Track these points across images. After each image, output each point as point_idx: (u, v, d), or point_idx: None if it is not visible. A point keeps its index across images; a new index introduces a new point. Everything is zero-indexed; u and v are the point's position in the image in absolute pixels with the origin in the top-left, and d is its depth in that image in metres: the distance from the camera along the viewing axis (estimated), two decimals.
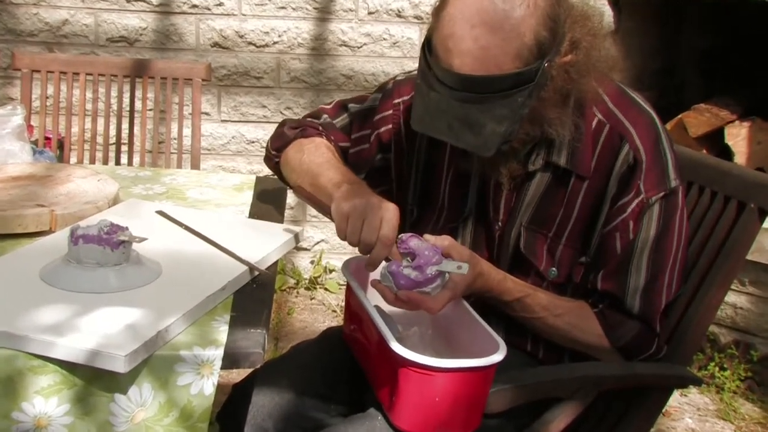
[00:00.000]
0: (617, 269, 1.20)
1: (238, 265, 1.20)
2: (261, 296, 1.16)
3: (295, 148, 1.33)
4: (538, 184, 1.22)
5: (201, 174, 1.77)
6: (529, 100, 1.07)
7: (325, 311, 2.77)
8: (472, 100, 1.07)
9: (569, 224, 1.22)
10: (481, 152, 1.10)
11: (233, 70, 2.68)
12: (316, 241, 2.89)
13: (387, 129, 1.34)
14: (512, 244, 1.24)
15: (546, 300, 1.21)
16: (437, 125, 1.10)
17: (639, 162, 1.17)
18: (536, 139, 1.18)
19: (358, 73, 2.69)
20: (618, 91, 1.23)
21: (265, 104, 2.72)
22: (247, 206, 1.55)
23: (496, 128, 1.07)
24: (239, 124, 2.74)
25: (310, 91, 2.71)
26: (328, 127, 1.38)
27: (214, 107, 2.72)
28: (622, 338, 1.21)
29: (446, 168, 1.30)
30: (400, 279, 1.07)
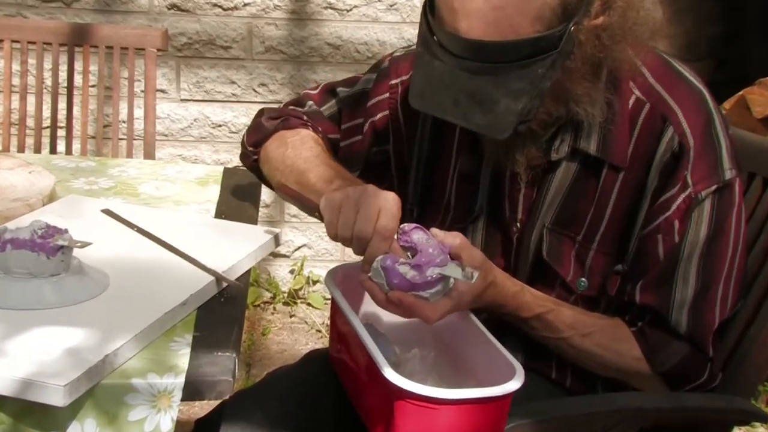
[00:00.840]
0: (660, 279, 1.20)
1: (202, 275, 1.21)
2: (230, 313, 1.17)
3: (276, 142, 1.34)
4: (563, 176, 1.22)
5: (156, 165, 1.78)
6: (551, 71, 1.07)
7: (307, 331, 2.78)
8: (483, 71, 1.07)
9: (602, 225, 1.22)
10: (493, 134, 1.10)
11: (195, 38, 2.68)
12: (297, 246, 2.90)
13: (383, 116, 1.35)
14: (533, 249, 1.25)
15: (572, 317, 1.21)
16: (441, 101, 1.10)
17: (686, 148, 1.17)
18: (560, 120, 1.18)
19: (348, 41, 2.70)
20: (661, 63, 1.23)
21: (234, 80, 2.73)
22: (213, 204, 1.56)
23: (511, 105, 1.07)
24: (203, 104, 2.75)
25: (289, 63, 2.72)
26: (315, 116, 1.39)
27: (171, 83, 2.72)
28: (667, 362, 1.21)
29: (454, 160, 1.31)
30: (393, 277, 1.06)
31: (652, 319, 1.22)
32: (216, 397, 1.03)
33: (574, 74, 1.12)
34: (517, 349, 1.25)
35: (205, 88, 2.73)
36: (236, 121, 2.75)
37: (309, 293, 2.91)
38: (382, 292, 1.08)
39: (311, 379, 1.32)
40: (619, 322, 1.23)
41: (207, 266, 1.22)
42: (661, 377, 1.22)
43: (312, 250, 2.90)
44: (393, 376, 1.01)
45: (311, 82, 2.72)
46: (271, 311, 2.87)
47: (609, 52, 1.13)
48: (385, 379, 1.01)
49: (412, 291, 1.07)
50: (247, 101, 2.73)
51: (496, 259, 1.27)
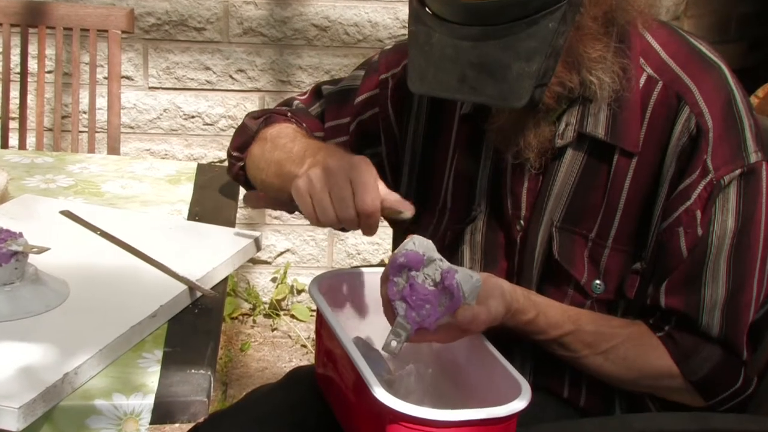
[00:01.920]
0: (687, 279, 1.21)
1: (173, 283, 1.21)
2: (205, 326, 1.17)
3: (259, 143, 1.35)
4: (569, 165, 1.23)
5: (122, 161, 1.79)
6: (563, 25, 1.08)
7: (291, 346, 2.78)
8: (488, 36, 1.07)
9: (615, 219, 1.23)
10: (510, 102, 1.10)
11: (164, 19, 2.69)
12: (280, 251, 2.90)
13: (372, 114, 1.36)
14: (540, 250, 1.25)
15: (593, 334, 1.21)
16: (445, 80, 1.10)
17: (704, 130, 1.18)
18: (574, 93, 1.19)
19: (336, 22, 2.70)
20: (674, 38, 1.24)
21: (208, 65, 2.73)
22: (186, 204, 1.56)
23: (525, 68, 1.07)
24: (173, 93, 2.75)
25: (271, 47, 2.72)
26: (300, 114, 1.40)
27: (138, 69, 2.73)
28: (699, 369, 1.22)
29: (450, 158, 1.31)
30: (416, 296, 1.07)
31: (680, 322, 1.22)
32: (189, 419, 1.03)
33: (585, 33, 1.13)
34: (525, 364, 1.26)
35: (176, 74, 2.73)
36: (211, 112, 2.76)
37: (293, 304, 2.92)
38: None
39: (295, 399, 1.32)
40: (645, 329, 1.24)
41: (179, 274, 1.23)
42: (694, 386, 1.23)
43: (296, 255, 2.90)
44: (384, 396, 1.02)
45: (295, 67, 2.72)
46: (251, 324, 2.87)
47: (620, 1, 1.14)
48: (376, 400, 1.02)
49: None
50: (224, 89, 2.73)
51: (499, 262, 1.28)
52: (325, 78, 2.71)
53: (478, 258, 1.29)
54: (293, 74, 2.72)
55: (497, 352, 1.13)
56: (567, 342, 1.21)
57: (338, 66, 2.71)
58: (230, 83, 2.73)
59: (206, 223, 1.46)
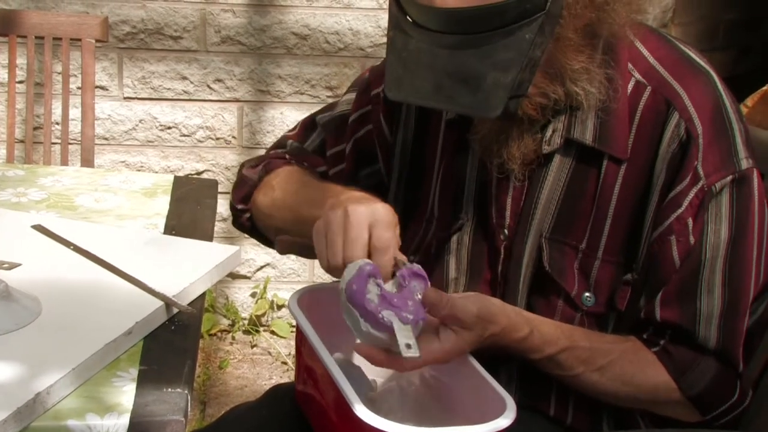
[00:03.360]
0: (681, 290, 1.21)
1: (149, 299, 1.21)
2: (182, 343, 1.17)
3: (263, 190, 1.37)
4: (557, 172, 1.24)
5: (96, 173, 1.78)
6: (540, 36, 1.09)
7: (271, 363, 2.78)
8: (465, 45, 1.08)
9: (605, 229, 1.23)
10: (483, 112, 1.11)
11: (140, 27, 2.69)
12: (260, 265, 2.90)
13: (367, 131, 1.37)
14: (528, 261, 1.26)
15: (588, 350, 1.22)
16: (421, 87, 1.11)
17: (693, 135, 1.19)
18: (559, 104, 1.20)
19: (316, 30, 2.71)
20: (662, 43, 1.25)
21: (185, 75, 2.73)
22: (162, 218, 1.56)
23: (500, 78, 1.08)
24: (149, 103, 2.75)
25: (249, 56, 2.73)
26: (298, 153, 1.42)
27: (113, 79, 2.72)
28: (697, 383, 1.22)
29: (437, 165, 1.32)
30: (359, 287, 1.07)
31: (676, 335, 1.23)
32: None
33: (567, 44, 1.14)
34: (511, 382, 1.27)
35: (152, 84, 2.73)
36: (188, 123, 2.76)
37: (273, 320, 2.92)
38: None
39: (275, 418, 1.32)
40: (639, 345, 1.24)
41: (155, 289, 1.23)
42: (692, 401, 1.23)
43: (276, 270, 2.90)
44: (367, 414, 1.02)
45: (274, 77, 2.73)
46: (230, 341, 2.86)
47: (601, 14, 1.15)
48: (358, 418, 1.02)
49: (366, 314, 1.08)
50: (201, 99, 2.73)
51: (483, 272, 1.29)
52: (305, 87, 2.72)
53: (464, 268, 1.30)
54: (272, 84, 2.73)
55: (482, 368, 1.13)
56: (562, 359, 1.21)
57: (319, 75, 2.72)
58: (208, 93, 2.73)
59: (183, 237, 1.46)
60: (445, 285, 1.30)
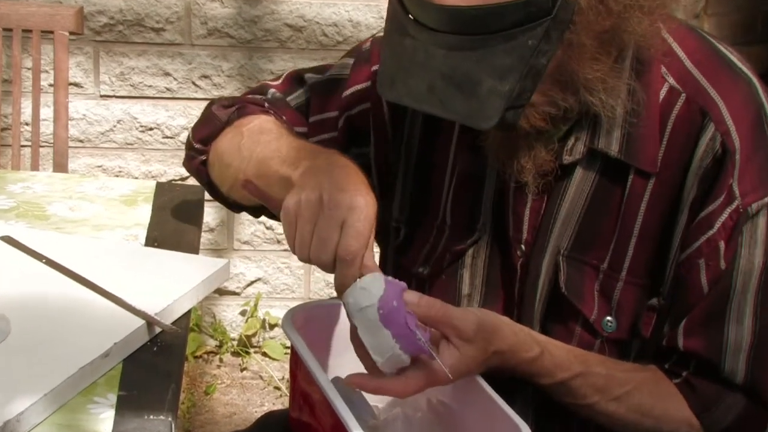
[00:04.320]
0: (708, 317, 1.21)
1: (129, 318, 1.21)
2: (165, 366, 1.17)
3: (230, 135, 1.34)
4: (579, 185, 1.24)
5: (70, 179, 1.78)
6: (545, 44, 1.08)
7: (262, 388, 2.78)
8: (462, 46, 1.08)
9: (630, 248, 1.23)
10: (476, 122, 1.11)
11: (118, 18, 2.69)
12: (250, 280, 2.90)
13: (362, 110, 1.36)
14: (544, 281, 1.26)
15: (604, 377, 1.22)
16: (413, 87, 1.11)
17: (730, 150, 1.19)
18: (573, 114, 1.20)
19: (312, 22, 2.72)
20: (700, 44, 1.25)
21: (168, 71, 2.74)
22: (144, 228, 1.56)
23: (496, 86, 1.08)
24: (129, 102, 2.76)
25: (239, 50, 2.73)
26: (278, 104, 1.39)
27: (88, 75, 2.73)
28: (721, 421, 1.22)
29: (451, 165, 1.32)
30: (395, 316, 1.05)
31: (700, 367, 1.23)
32: None
33: (580, 52, 1.13)
34: (527, 409, 1.26)
35: (132, 81, 2.74)
36: (171, 123, 2.76)
37: (265, 340, 2.92)
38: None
39: None
40: (660, 375, 1.25)
41: (135, 307, 1.23)
42: None
43: (268, 285, 2.90)
44: None
45: (266, 73, 2.73)
46: (217, 363, 2.86)
47: (619, 23, 1.14)
48: None
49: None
50: (186, 98, 2.74)
51: (497, 290, 1.29)
52: None
53: (479, 285, 1.30)
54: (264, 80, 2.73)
55: (494, 392, 1.13)
56: (576, 386, 1.21)
57: None
58: (193, 90, 2.74)
59: (166, 249, 1.46)
60: (458, 301, 1.30)
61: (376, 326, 1.05)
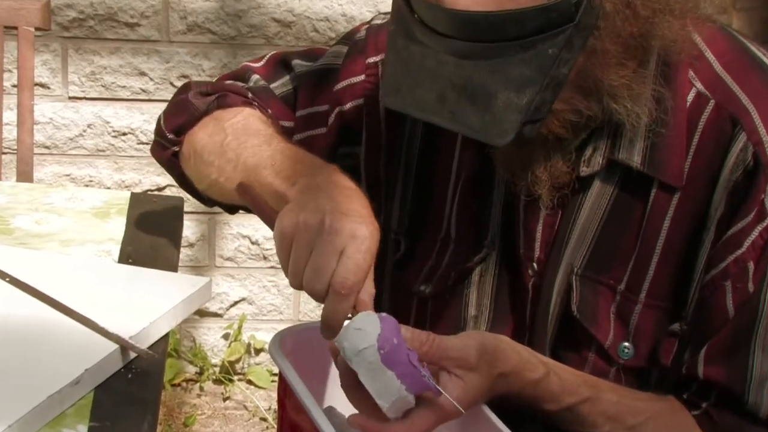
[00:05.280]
0: (731, 344, 1.22)
1: (101, 342, 1.22)
2: (140, 395, 1.18)
3: (209, 128, 1.34)
4: (596, 199, 1.25)
5: (35, 189, 1.79)
6: (568, 53, 1.09)
7: (247, 420, 2.77)
8: (476, 54, 1.09)
9: (650, 268, 1.24)
10: (490, 139, 1.11)
11: (88, 13, 2.69)
12: (234, 300, 2.90)
13: (355, 106, 1.36)
14: (557, 301, 1.26)
15: (616, 405, 1.22)
16: (422, 97, 1.12)
17: (763, 162, 1.19)
18: (594, 122, 1.21)
19: (302, 17, 2.72)
20: (732, 45, 1.26)
21: (144, 70, 2.74)
22: (117, 243, 1.57)
23: (513, 99, 1.08)
24: (100, 104, 2.76)
25: (222, 48, 2.73)
26: (263, 94, 1.39)
27: (55, 75, 2.73)
28: None
29: (455, 171, 1.33)
30: (395, 355, 1.04)
31: (721, 398, 1.23)
32: None
33: (604, 58, 1.14)
34: None
35: (104, 81, 2.74)
36: (147, 128, 2.76)
37: (250, 367, 2.91)
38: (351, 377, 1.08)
39: None
40: (677, 406, 1.25)
41: (108, 330, 1.23)
42: None
43: (254, 306, 2.90)
44: None
45: None
46: (197, 392, 2.86)
47: (648, 28, 1.15)
48: None
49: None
50: (163, 100, 2.73)
51: (506, 313, 1.29)
52: None
53: (486, 307, 1.30)
54: None
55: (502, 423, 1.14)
56: (585, 413, 1.22)
57: None
58: (171, 92, 2.72)
59: (142, 266, 1.47)
60: (463, 324, 1.31)
61: (379, 368, 1.04)
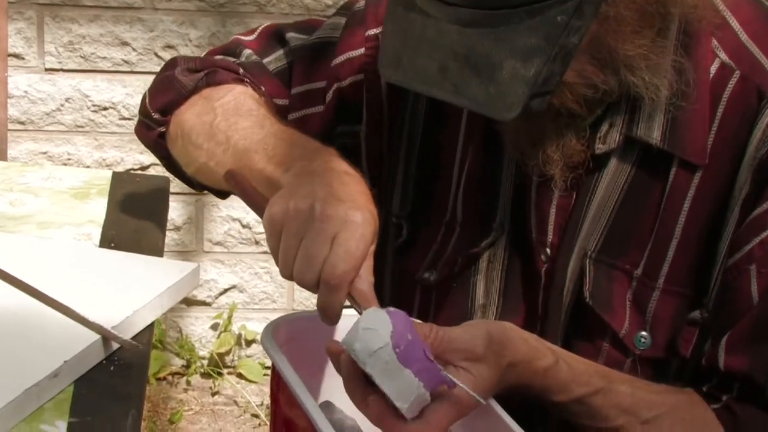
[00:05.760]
0: (754, 332, 1.22)
1: (81, 332, 1.21)
2: (123, 388, 1.18)
3: (198, 107, 1.35)
4: (612, 179, 1.25)
5: (10, 168, 1.79)
6: (578, 20, 1.09)
7: (238, 416, 2.78)
8: (479, 22, 1.09)
9: (669, 251, 1.25)
10: (495, 113, 1.11)
11: None
12: (223, 288, 2.91)
13: (355, 81, 1.37)
14: (569, 288, 1.27)
15: (630, 396, 1.22)
16: (423, 68, 1.12)
17: None
18: (611, 96, 1.21)
19: None
20: (759, 13, 1.26)
21: (126, 40, 2.74)
22: (98, 226, 1.57)
23: (519, 70, 1.08)
24: (79, 76, 2.76)
25: (210, 15, 2.73)
26: (255, 71, 1.40)
27: (30, 45, 2.73)
28: None
29: (461, 153, 1.33)
30: (412, 350, 1.04)
31: (743, 390, 1.23)
32: None
33: (619, 26, 1.14)
34: None
35: (82, 51, 2.74)
36: (129, 102, 2.77)
37: (240, 359, 2.92)
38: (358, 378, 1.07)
39: None
40: (696, 399, 1.25)
41: (89, 319, 1.23)
42: None
43: (245, 294, 2.91)
44: None
45: None
46: (184, 386, 2.87)
47: None
48: None
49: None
50: (146, 72, 2.74)
51: (517, 302, 1.30)
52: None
53: (495, 294, 1.31)
54: None
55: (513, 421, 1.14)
56: (596, 404, 1.21)
57: None
58: (155, 63, 2.74)
59: (125, 251, 1.47)
60: (471, 313, 1.31)
61: (396, 368, 1.04)
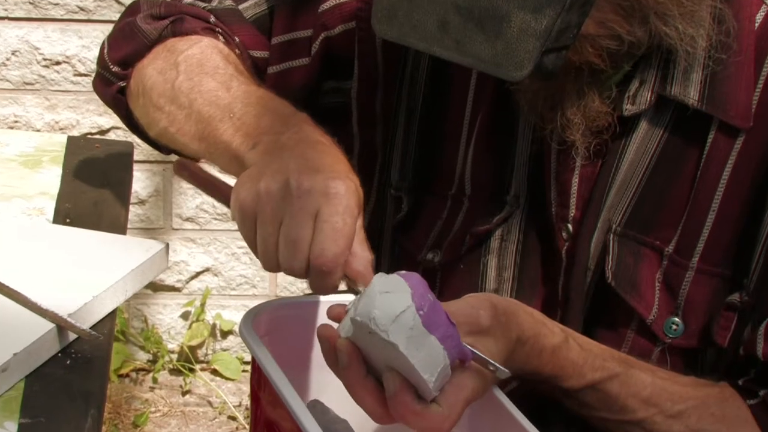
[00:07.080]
0: None
1: (33, 320, 1.23)
2: (82, 385, 1.19)
3: (160, 61, 1.36)
4: (642, 143, 1.26)
5: None
6: None
7: (213, 418, 2.79)
8: None
9: (705, 227, 1.26)
10: (503, 71, 1.11)
11: None
12: (195, 271, 2.91)
13: (345, 30, 1.38)
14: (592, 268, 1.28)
15: (651, 385, 1.24)
16: (421, 23, 1.13)
17: None
18: (640, 50, 1.22)
19: None
20: None
21: None
22: (51, 199, 1.58)
23: (530, 22, 1.08)
24: (28, 25, 2.76)
25: None
26: (228, 18, 1.41)
27: None
28: None
29: (469, 116, 1.34)
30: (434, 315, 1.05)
31: None
32: None
33: None
34: None
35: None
36: (86, 56, 2.76)
37: (215, 353, 2.93)
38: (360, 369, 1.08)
39: None
40: (730, 393, 1.27)
41: (41, 306, 1.24)
42: None
43: (220, 278, 2.91)
44: None
45: None
46: (150, 384, 2.88)
47: None
48: None
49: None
50: (106, 20, 2.73)
51: (534, 285, 1.31)
52: None
53: (509, 276, 1.33)
54: None
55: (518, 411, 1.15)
56: (613, 392, 1.23)
57: None
58: (115, 10, 2.74)
59: (82, 227, 1.48)
60: None
61: (421, 334, 1.04)
